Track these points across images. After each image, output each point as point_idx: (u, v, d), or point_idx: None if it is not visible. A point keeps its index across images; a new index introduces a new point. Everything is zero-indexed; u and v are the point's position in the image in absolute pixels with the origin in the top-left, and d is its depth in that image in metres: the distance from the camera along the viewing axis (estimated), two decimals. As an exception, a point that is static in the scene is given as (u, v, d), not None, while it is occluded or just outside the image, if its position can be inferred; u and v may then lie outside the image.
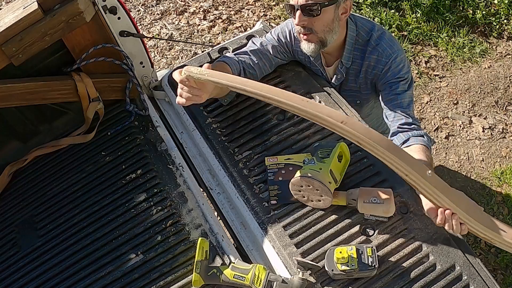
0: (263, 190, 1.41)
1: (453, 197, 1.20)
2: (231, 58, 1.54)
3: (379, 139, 1.16)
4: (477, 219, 1.20)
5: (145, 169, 1.52)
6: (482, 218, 1.21)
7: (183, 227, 1.37)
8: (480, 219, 1.21)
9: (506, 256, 2.36)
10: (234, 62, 1.53)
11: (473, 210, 1.21)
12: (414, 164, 1.18)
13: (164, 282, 1.28)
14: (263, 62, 1.61)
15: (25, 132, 1.69)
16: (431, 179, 1.18)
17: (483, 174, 2.68)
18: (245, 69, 1.56)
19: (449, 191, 1.20)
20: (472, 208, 1.21)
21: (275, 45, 1.62)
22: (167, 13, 3.54)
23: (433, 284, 1.20)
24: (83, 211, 1.46)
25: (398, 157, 1.16)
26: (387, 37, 1.52)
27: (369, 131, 1.18)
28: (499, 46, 3.25)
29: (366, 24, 1.54)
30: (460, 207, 1.19)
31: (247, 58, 1.57)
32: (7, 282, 1.36)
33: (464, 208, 1.20)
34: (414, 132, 1.44)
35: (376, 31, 1.52)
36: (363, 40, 1.53)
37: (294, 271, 1.24)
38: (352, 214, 1.33)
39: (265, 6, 3.53)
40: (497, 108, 2.94)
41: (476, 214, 1.21)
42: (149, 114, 1.68)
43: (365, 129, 1.18)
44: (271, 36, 1.63)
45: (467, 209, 1.20)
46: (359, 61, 1.57)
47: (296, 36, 1.59)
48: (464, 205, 1.20)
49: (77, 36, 1.49)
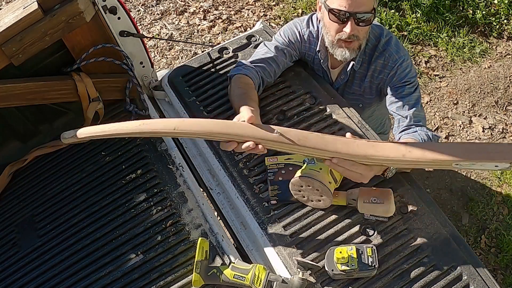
0: (263, 190, 1.41)
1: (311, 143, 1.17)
2: (251, 70, 1.53)
3: (212, 124, 1.20)
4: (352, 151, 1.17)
5: (145, 169, 1.52)
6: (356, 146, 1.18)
7: (183, 227, 1.37)
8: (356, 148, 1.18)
9: (506, 256, 2.36)
10: (254, 75, 1.53)
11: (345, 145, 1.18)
12: (255, 131, 1.18)
13: (164, 282, 1.28)
14: (279, 68, 1.62)
15: (25, 132, 1.69)
16: (281, 137, 1.17)
17: (483, 174, 2.68)
18: (263, 79, 1.57)
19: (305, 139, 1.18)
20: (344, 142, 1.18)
21: (288, 49, 1.62)
22: (167, 13, 3.54)
23: (433, 284, 1.20)
24: (83, 211, 1.46)
25: (233, 131, 1.18)
26: (394, 42, 1.52)
27: (199, 122, 1.22)
28: (499, 46, 3.25)
29: (376, 29, 1.54)
30: (328, 148, 1.17)
31: (265, 66, 1.57)
32: (7, 282, 1.36)
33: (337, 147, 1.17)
34: (412, 129, 1.44)
35: (384, 37, 1.53)
36: (372, 44, 1.54)
37: (294, 271, 1.24)
38: (352, 214, 1.33)
39: (265, 6, 3.53)
40: (497, 108, 2.94)
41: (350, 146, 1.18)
42: (149, 114, 1.68)
43: (196, 122, 1.22)
44: (282, 39, 1.63)
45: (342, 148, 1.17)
46: (366, 65, 1.57)
47: (306, 39, 1.60)
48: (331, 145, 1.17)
49: (77, 36, 1.49)
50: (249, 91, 1.48)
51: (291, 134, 1.18)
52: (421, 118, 1.48)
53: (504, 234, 2.43)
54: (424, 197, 1.35)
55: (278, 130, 1.18)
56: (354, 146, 1.17)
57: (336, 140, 1.18)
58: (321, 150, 1.17)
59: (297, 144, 1.16)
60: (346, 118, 1.53)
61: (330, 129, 1.51)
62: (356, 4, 1.35)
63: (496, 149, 1.07)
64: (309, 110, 1.58)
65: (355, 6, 1.35)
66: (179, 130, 1.20)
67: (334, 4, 1.38)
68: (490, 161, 1.05)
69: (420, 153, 1.12)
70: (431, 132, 1.45)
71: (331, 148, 1.16)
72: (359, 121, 1.52)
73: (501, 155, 1.04)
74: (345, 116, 1.54)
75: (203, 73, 1.75)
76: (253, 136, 1.18)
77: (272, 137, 1.17)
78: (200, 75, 1.74)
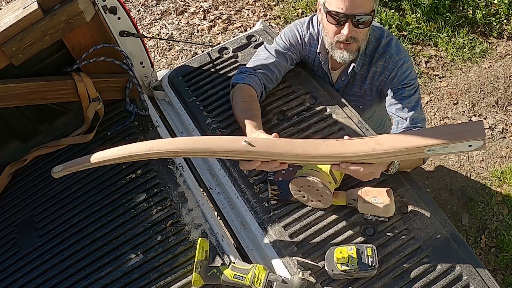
0: (263, 190, 1.41)
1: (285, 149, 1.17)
2: (254, 79, 1.53)
3: (183, 141, 1.23)
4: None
5: (145, 169, 1.52)
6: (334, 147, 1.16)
7: (183, 227, 1.37)
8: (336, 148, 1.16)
9: (506, 256, 2.36)
10: (257, 83, 1.54)
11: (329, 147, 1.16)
12: (227, 142, 1.18)
13: (164, 282, 1.28)
14: (281, 74, 1.63)
15: (25, 132, 1.69)
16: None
17: (483, 174, 2.68)
18: (265, 86, 1.58)
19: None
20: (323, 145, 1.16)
21: (289, 53, 1.62)
22: (167, 13, 3.54)
23: (433, 284, 1.20)
24: (83, 211, 1.46)
25: (207, 145, 1.18)
26: (394, 43, 1.52)
27: (172, 141, 1.25)
28: (499, 46, 3.25)
29: (377, 30, 1.54)
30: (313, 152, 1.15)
31: (267, 73, 1.57)
32: (7, 282, 1.36)
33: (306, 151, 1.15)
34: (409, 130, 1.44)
35: (385, 38, 1.53)
36: (372, 46, 1.54)
37: (294, 271, 1.24)
38: (352, 214, 1.33)
39: (265, 6, 3.53)
40: (497, 108, 2.94)
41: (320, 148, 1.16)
42: (149, 114, 1.68)
43: (169, 142, 1.25)
44: (283, 43, 1.63)
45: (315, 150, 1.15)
46: (366, 67, 1.57)
47: (306, 41, 1.60)
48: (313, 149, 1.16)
49: (77, 36, 1.49)
50: (253, 105, 1.50)
51: (258, 142, 1.17)
52: (420, 120, 1.48)
53: (504, 234, 2.43)
54: (424, 197, 1.35)
55: (246, 139, 1.17)
56: (323, 146, 1.15)
57: (305, 143, 1.17)
58: (290, 154, 1.16)
59: (269, 152, 1.16)
60: (346, 118, 1.53)
61: (330, 129, 1.51)
62: (354, 6, 1.35)
63: (465, 128, 1.01)
64: (309, 110, 1.58)
65: (352, 8, 1.35)
66: (190, 149, 1.20)
67: (332, 6, 1.38)
68: (462, 141, 1.00)
69: (390, 144, 1.09)
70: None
71: (300, 152, 1.15)
72: (359, 121, 1.52)
73: (471, 133, 0.99)
74: (345, 116, 1.54)
75: (203, 73, 1.75)
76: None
77: (240, 147, 1.17)
78: (200, 75, 1.74)
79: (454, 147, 1.03)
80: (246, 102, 1.49)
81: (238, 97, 1.51)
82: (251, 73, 1.55)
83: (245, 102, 1.49)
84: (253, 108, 1.49)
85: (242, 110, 1.47)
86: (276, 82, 1.62)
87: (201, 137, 1.26)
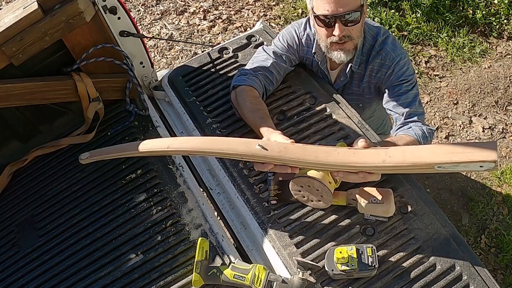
0: (263, 190, 1.41)
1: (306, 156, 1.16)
2: (255, 80, 1.53)
3: (200, 141, 1.28)
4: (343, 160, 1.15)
5: (145, 169, 1.52)
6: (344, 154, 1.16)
7: (183, 227, 1.37)
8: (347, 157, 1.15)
9: (506, 256, 2.36)
10: (259, 85, 1.54)
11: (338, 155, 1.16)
12: (241, 144, 1.20)
13: (164, 282, 1.28)
14: (280, 75, 1.62)
15: (25, 132, 1.69)
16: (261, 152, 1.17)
17: (483, 174, 2.68)
18: (266, 88, 1.57)
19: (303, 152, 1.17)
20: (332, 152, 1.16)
21: (287, 54, 1.62)
22: (167, 13, 3.54)
23: (433, 284, 1.20)
24: (83, 211, 1.46)
25: (223, 147, 1.21)
26: (391, 41, 1.52)
27: (188, 140, 1.29)
28: (499, 46, 3.25)
29: (373, 28, 1.54)
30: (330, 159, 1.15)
31: (267, 75, 1.57)
32: (7, 282, 1.36)
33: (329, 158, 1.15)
34: (408, 126, 1.45)
35: (381, 36, 1.53)
36: (369, 44, 1.54)
37: (294, 271, 1.24)
38: (352, 214, 1.33)
39: (265, 6, 3.53)
40: (497, 108, 2.94)
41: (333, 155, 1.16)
42: (149, 114, 1.68)
43: (186, 140, 1.28)
44: (281, 44, 1.62)
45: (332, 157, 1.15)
46: (364, 65, 1.57)
47: (303, 42, 1.60)
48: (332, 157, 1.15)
49: (77, 36, 1.49)
50: (261, 105, 1.50)
51: (271, 146, 1.18)
52: (418, 114, 1.48)
53: (504, 234, 2.43)
54: (424, 197, 1.35)
55: (260, 143, 1.18)
56: (335, 154, 1.15)
57: (317, 150, 1.17)
58: (301, 161, 1.16)
59: (281, 156, 1.16)
60: (346, 118, 1.53)
61: (330, 129, 1.51)
62: (339, 5, 1.34)
63: (478, 149, 1.00)
64: (309, 110, 1.58)
65: (338, 7, 1.34)
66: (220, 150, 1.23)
67: (319, 10, 1.38)
68: (473, 162, 0.99)
69: (401, 157, 1.08)
70: (426, 126, 1.45)
71: (311, 159, 1.15)
72: (359, 121, 1.52)
73: (484, 154, 0.97)
74: (345, 116, 1.54)
75: (203, 73, 1.75)
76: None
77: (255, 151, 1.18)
78: (200, 75, 1.74)
79: (465, 166, 1.01)
80: (254, 103, 1.49)
81: (244, 99, 1.50)
82: (252, 75, 1.55)
83: (253, 103, 1.49)
84: (263, 109, 1.48)
85: (251, 111, 1.47)
86: (276, 83, 1.62)
87: (216, 138, 1.28)
